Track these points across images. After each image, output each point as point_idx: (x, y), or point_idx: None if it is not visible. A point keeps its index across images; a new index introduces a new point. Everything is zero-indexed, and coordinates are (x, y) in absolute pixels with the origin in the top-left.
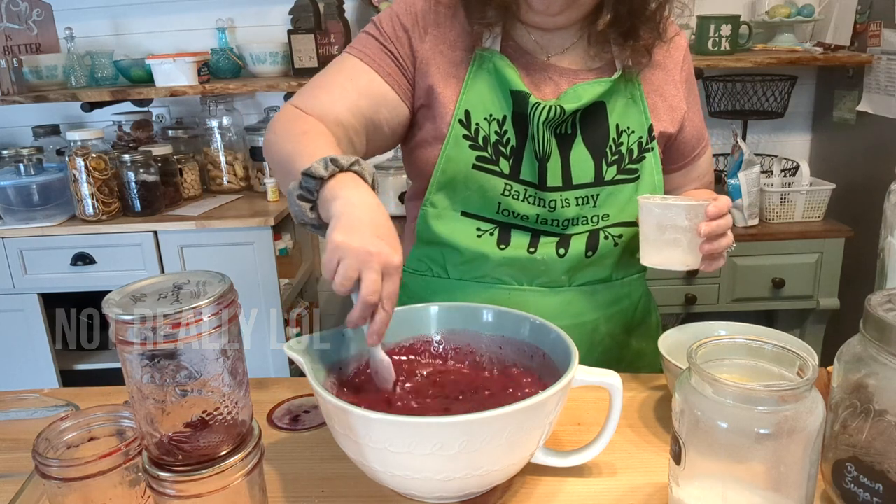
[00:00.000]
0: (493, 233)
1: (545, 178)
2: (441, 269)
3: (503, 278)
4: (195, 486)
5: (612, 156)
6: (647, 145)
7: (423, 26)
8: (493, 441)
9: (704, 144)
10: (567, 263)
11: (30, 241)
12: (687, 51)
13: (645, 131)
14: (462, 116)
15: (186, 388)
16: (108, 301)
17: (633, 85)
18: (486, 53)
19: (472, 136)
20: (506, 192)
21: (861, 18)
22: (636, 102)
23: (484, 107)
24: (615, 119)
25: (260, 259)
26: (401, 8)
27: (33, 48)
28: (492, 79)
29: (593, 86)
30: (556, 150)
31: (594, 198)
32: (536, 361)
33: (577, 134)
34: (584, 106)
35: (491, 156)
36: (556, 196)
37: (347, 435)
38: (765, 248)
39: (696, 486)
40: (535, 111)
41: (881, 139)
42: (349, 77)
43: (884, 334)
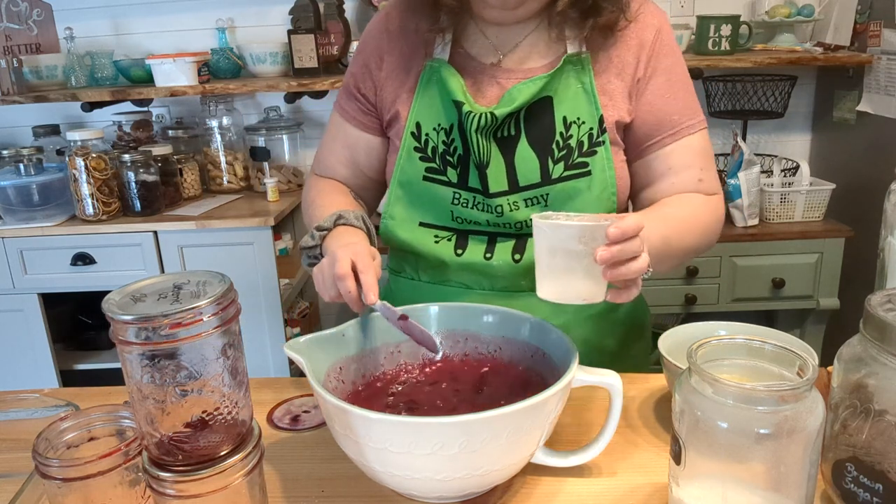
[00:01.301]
0: (451, 238)
1: (486, 184)
2: (413, 271)
3: (466, 282)
4: (195, 486)
5: (560, 152)
6: (597, 138)
7: (379, 55)
8: (493, 441)
9: (672, 133)
10: (523, 268)
11: (30, 241)
12: (662, 30)
13: (595, 122)
14: (413, 129)
15: (186, 388)
16: (108, 301)
17: (584, 72)
18: (435, 64)
19: (422, 147)
20: (455, 200)
21: (861, 18)
22: (586, 91)
23: (432, 118)
24: (562, 111)
25: (260, 259)
26: (360, 45)
27: (33, 48)
28: (439, 89)
29: (528, 85)
30: (497, 156)
31: (544, 198)
32: (536, 361)
33: (521, 134)
34: (517, 109)
35: (439, 166)
36: (503, 201)
37: (347, 435)
38: (765, 248)
39: (696, 486)
40: (468, 120)
41: (881, 139)
42: (334, 136)
43: (884, 334)
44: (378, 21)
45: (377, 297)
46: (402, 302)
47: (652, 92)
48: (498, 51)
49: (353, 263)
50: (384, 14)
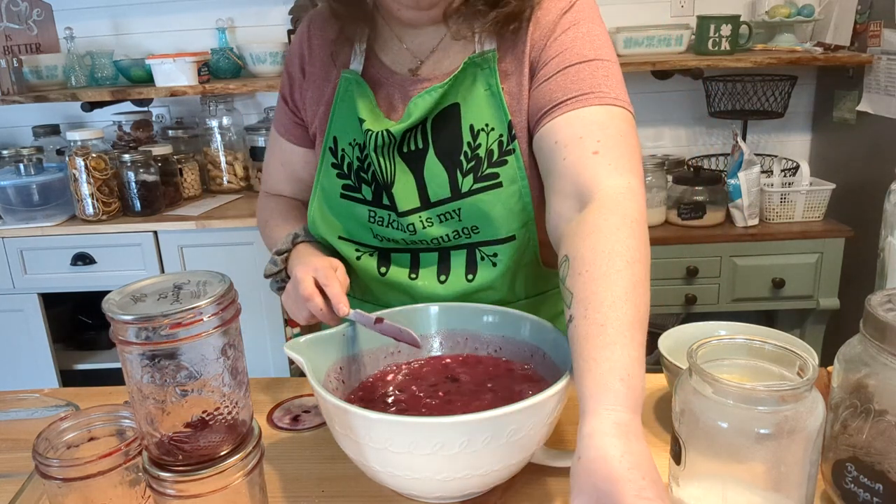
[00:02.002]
0: (373, 254)
1: (395, 203)
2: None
3: (392, 302)
4: (195, 486)
5: (468, 163)
6: (507, 146)
7: (301, 66)
8: (494, 441)
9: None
10: (451, 290)
11: (30, 241)
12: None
13: (505, 129)
14: (331, 143)
15: (186, 388)
16: (108, 301)
17: (490, 74)
18: (349, 75)
19: (338, 163)
20: (371, 218)
21: (861, 18)
22: (493, 94)
23: (348, 133)
24: (469, 119)
25: (260, 259)
26: (287, 56)
27: (33, 48)
28: (350, 104)
29: (425, 97)
30: (405, 172)
31: (457, 213)
32: (536, 361)
33: (428, 147)
34: (415, 123)
35: (354, 183)
36: (415, 218)
37: (347, 435)
38: (765, 248)
39: (696, 486)
40: (368, 139)
41: (881, 139)
42: (271, 150)
43: (884, 334)
44: (300, 31)
45: (348, 307)
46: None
47: (541, 72)
48: (415, 57)
49: (316, 280)
50: (306, 24)
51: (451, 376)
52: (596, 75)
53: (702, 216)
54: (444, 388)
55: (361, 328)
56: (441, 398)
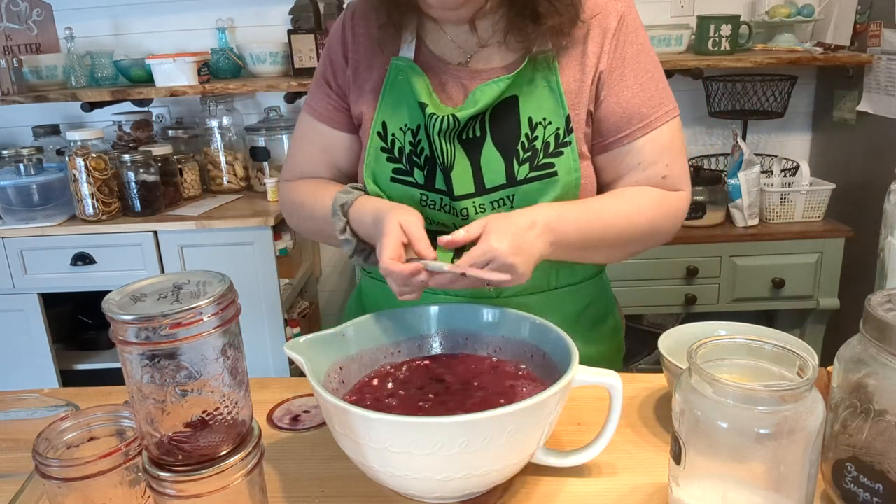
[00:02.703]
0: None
1: (451, 187)
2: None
3: (430, 288)
4: (195, 486)
5: (525, 153)
6: (564, 138)
7: (344, 54)
8: (494, 441)
9: (642, 126)
10: None
11: (30, 241)
12: (626, 16)
13: (562, 122)
14: (380, 129)
15: (186, 388)
16: (108, 301)
17: (549, 71)
18: (401, 63)
19: (388, 147)
20: (423, 202)
21: (861, 18)
22: (553, 91)
23: (399, 118)
24: (528, 112)
25: (260, 259)
26: (328, 43)
27: (33, 48)
28: (404, 89)
29: (492, 86)
30: (462, 158)
31: (510, 199)
32: (536, 361)
33: (486, 135)
34: (480, 111)
35: (406, 167)
36: (468, 203)
37: (347, 435)
38: (765, 248)
39: (696, 486)
40: (431, 122)
41: (881, 139)
42: (305, 136)
43: (884, 334)
44: (343, 19)
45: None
46: (371, 304)
47: (618, 83)
48: (464, 51)
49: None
50: (349, 12)
51: (452, 376)
52: (660, 88)
53: (702, 216)
54: (445, 388)
55: (362, 329)
56: (441, 398)
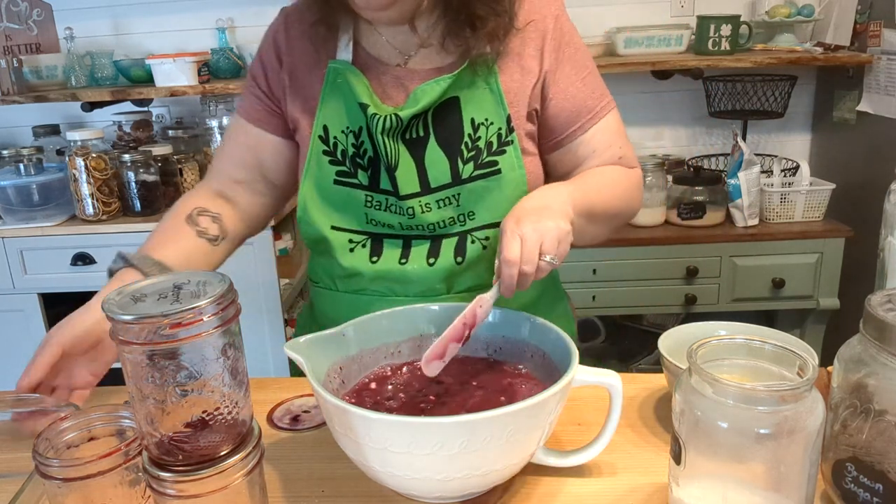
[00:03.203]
0: (366, 244)
1: (397, 186)
2: (331, 280)
3: (381, 291)
4: (195, 486)
5: (469, 152)
6: (506, 137)
7: (278, 56)
8: (494, 441)
9: (590, 117)
10: (439, 273)
11: (30, 241)
12: (560, 17)
13: (504, 122)
14: (321, 132)
15: (186, 388)
16: (108, 301)
17: (489, 73)
18: (339, 66)
19: (331, 150)
20: (368, 203)
21: (861, 18)
22: (493, 92)
23: (340, 120)
24: (470, 113)
25: (260, 259)
26: (261, 46)
27: (33, 48)
28: (344, 91)
29: (433, 86)
30: (407, 157)
31: (455, 198)
32: (536, 361)
33: (429, 135)
34: (422, 110)
35: (350, 169)
36: (415, 202)
37: (347, 435)
38: (765, 248)
39: (696, 486)
40: (374, 122)
41: (881, 139)
42: (233, 137)
43: (884, 334)
44: (276, 22)
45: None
46: (323, 313)
47: (564, 80)
48: (401, 52)
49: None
50: (282, 16)
51: (452, 376)
52: (598, 81)
53: (702, 216)
54: (445, 388)
55: (362, 329)
56: (442, 398)
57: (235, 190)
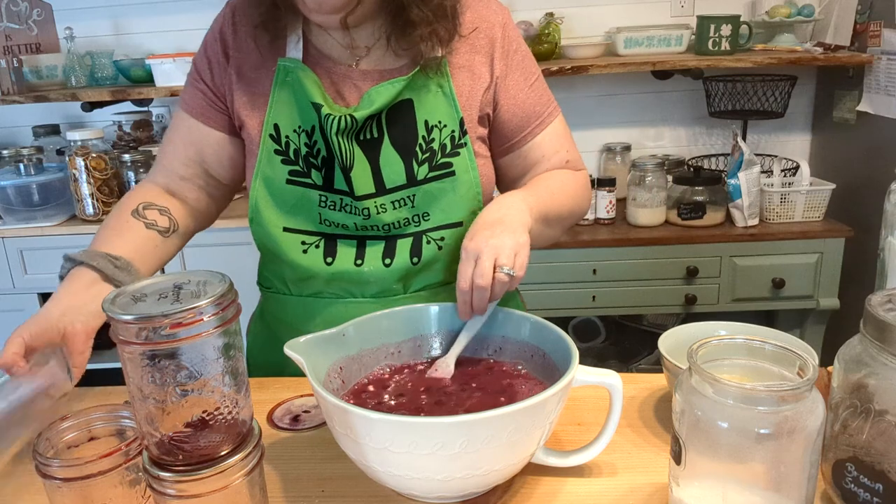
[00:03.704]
0: (319, 245)
1: (352, 187)
2: (282, 284)
3: (337, 293)
4: (195, 486)
5: (423, 154)
6: (459, 140)
7: (224, 51)
8: (494, 441)
9: (539, 123)
10: (395, 273)
11: (30, 241)
12: (507, 25)
13: (457, 125)
14: (272, 131)
15: (186, 388)
16: (108, 301)
17: (441, 76)
18: (289, 64)
19: (283, 150)
20: (322, 203)
21: (861, 18)
22: (445, 95)
23: (291, 119)
24: (423, 115)
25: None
26: (206, 39)
27: (33, 48)
28: (294, 90)
29: (387, 87)
30: (361, 158)
31: (411, 199)
32: (536, 361)
33: (383, 136)
34: (377, 111)
35: (303, 168)
36: (370, 203)
37: (347, 435)
38: (765, 248)
39: (696, 486)
40: (328, 123)
41: (881, 139)
42: (175, 132)
43: (884, 334)
44: (222, 15)
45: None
46: (276, 318)
47: (514, 87)
48: (352, 53)
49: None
50: (229, 9)
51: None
52: (544, 87)
53: (702, 216)
54: (445, 388)
55: (362, 328)
56: (441, 398)
57: (180, 185)
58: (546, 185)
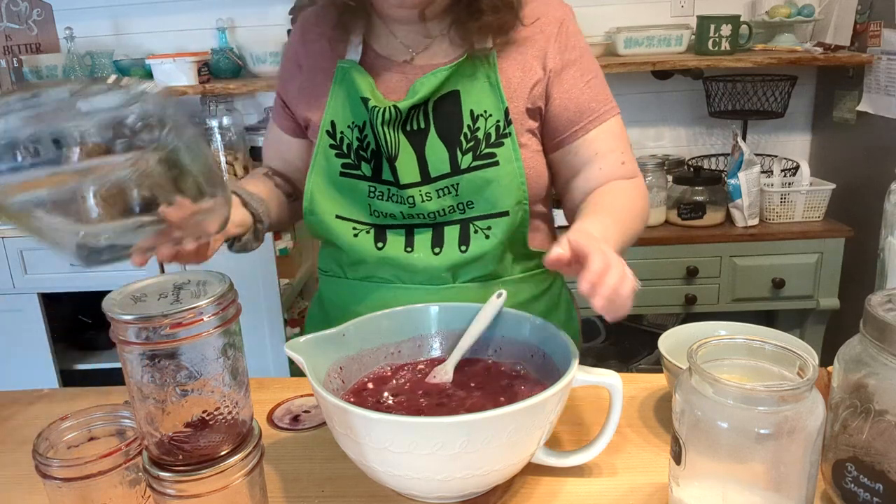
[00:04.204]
0: (370, 231)
1: (397, 176)
2: (339, 268)
3: (388, 277)
4: (195, 486)
5: (468, 143)
6: (504, 129)
7: (297, 62)
8: (494, 441)
9: (593, 119)
10: (444, 261)
11: (30, 241)
12: (566, 22)
13: (502, 115)
14: (328, 127)
15: (186, 388)
16: (108, 301)
17: (489, 67)
18: (346, 65)
19: (337, 144)
20: (371, 193)
21: (861, 18)
22: (492, 85)
23: (346, 116)
24: (469, 105)
25: (260, 259)
26: (283, 54)
27: (33, 48)
28: (348, 88)
29: (430, 78)
30: (407, 148)
31: (454, 187)
32: (536, 361)
33: (430, 126)
34: (420, 100)
35: (354, 161)
36: (415, 192)
37: (347, 435)
38: (765, 248)
39: (696, 486)
40: (374, 115)
41: (881, 139)
42: (268, 135)
43: (884, 334)
44: (296, 28)
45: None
46: (332, 302)
47: (567, 81)
48: (410, 49)
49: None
50: (300, 24)
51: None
52: (603, 85)
53: (702, 216)
54: (445, 388)
55: (362, 329)
56: (441, 398)
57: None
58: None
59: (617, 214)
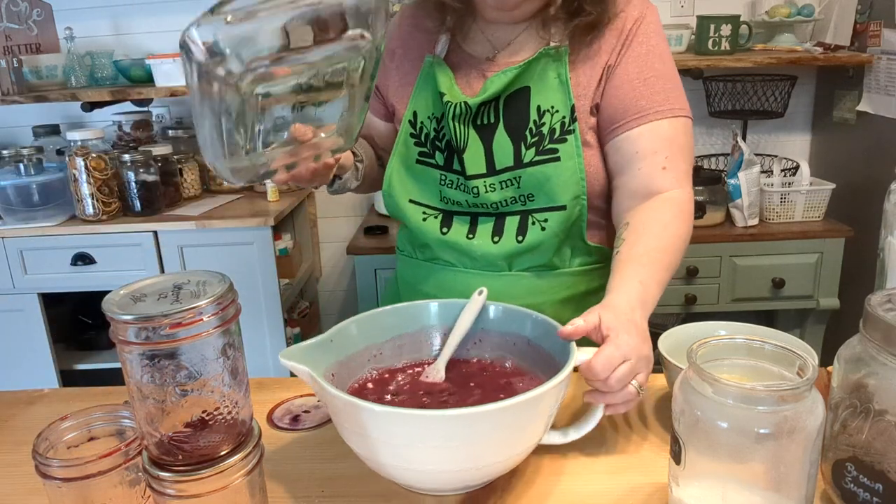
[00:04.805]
0: (437, 217)
1: (464, 167)
2: (411, 248)
3: (451, 261)
4: (195, 486)
5: (532, 138)
6: (568, 126)
7: (392, 50)
8: (495, 434)
9: (639, 116)
10: (502, 250)
11: (30, 241)
12: (643, 21)
13: (568, 111)
14: (411, 117)
15: (186, 388)
16: (108, 301)
17: (560, 64)
18: (432, 60)
19: (416, 133)
20: (441, 181)
21: (861, 18)
22: (561, 82)
23: (427, 108)
24: (537, 101)
25: (260, 259)
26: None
27: (33, 48)
28: (430, 82)
29: (500, 76)
30: (476, 141)
31: (517, 180)
32: (535, 357)
33: (499, 121)
34: (490, 97)
35: (429, 150)
36: (479, 182)
37: (354, 430)
38: (765, 248)
39: (696, 486)
40: (448, 109)
41: (881, 139)
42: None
43: (884, 334)
44: (395, 19)
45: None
46: (404, 280)
47: (622, 75)
48: (494, 47)
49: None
50: (400, 13)
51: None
52: (667, 87)
53: (702, 216)
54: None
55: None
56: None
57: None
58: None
59: (654, 264)
